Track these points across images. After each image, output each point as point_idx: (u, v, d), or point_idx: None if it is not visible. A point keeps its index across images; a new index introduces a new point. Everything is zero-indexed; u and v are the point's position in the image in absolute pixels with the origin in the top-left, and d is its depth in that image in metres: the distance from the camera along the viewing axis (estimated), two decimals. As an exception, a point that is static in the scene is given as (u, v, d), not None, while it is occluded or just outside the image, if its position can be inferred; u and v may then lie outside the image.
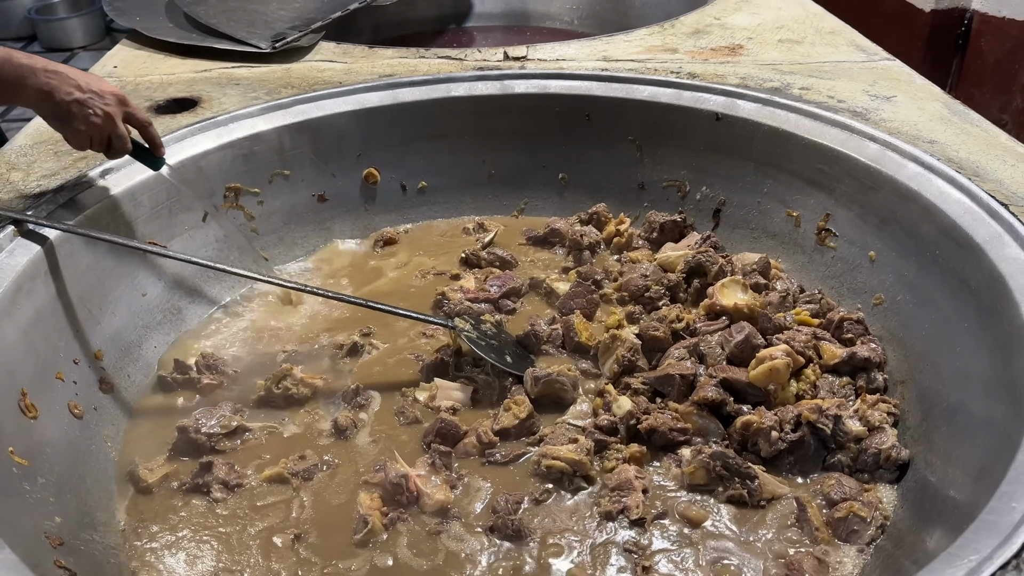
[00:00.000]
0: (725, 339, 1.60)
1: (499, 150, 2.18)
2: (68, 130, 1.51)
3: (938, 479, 1.31)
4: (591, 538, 1.33)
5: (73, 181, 1.66)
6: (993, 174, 1.59)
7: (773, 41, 2.33)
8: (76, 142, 1.54)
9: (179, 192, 1.79)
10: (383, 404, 1.60)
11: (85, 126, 1.49)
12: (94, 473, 1.44)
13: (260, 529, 1.36)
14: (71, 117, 1.48)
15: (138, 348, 1.70)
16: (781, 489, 1.40)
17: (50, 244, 1.50)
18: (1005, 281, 1.34)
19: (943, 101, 1.93)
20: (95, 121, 1.49)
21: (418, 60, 2.26)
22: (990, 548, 0.92)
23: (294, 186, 2.03)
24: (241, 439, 1.53)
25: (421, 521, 1.36)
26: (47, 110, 1.49)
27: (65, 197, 1.61)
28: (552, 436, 1.50)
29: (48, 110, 1.48)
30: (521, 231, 2.14)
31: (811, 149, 1.82)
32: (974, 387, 1.35)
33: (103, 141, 1.55)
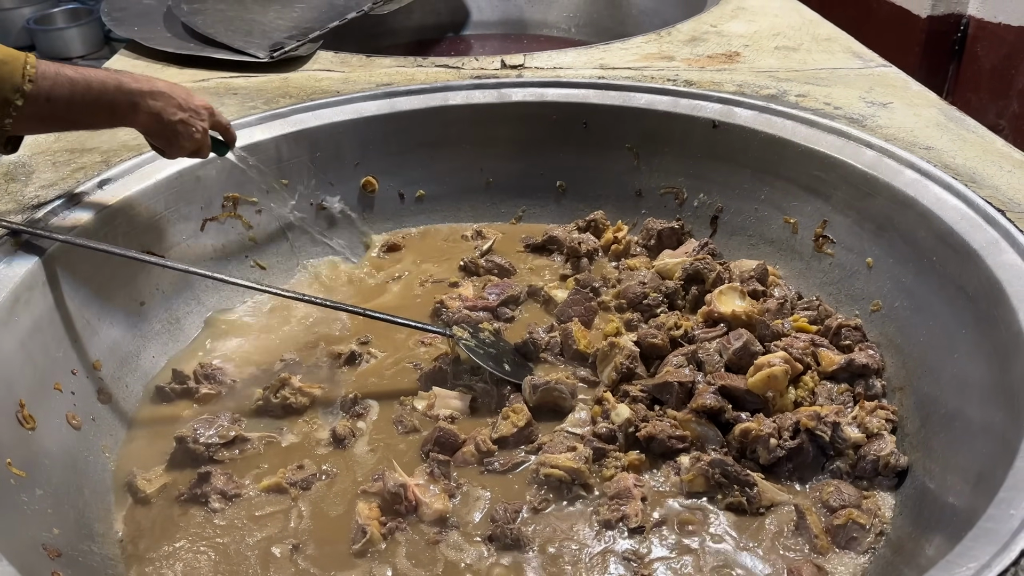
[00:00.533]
0: (723, 346, 1.60)
1: (497, 158, 2.19)
2: (173, 147, 1.60)
3: (937, 486, 1.31)
4: (590, 546, 1.33)
5: (71, 191, 1.66)
6: (989, 180, 1.59)
7: (770, 48, 2.33)
8: (173, 155, 1.63)
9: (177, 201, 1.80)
10: (381, 413, 1.60)
11: (189, 143, 1.59)
12: (92, 484, 1.43)
13: (258, 539, 1.36)
14: (177, 136, 1.57)
15: (136, 358, 1.70)
16: (780, 496, 1.39)
17: (48, 255, 1.50)
18: (1002, 287, 1.34)
19: (939, 107, 1.93)
20: (196, 137, 1.59)
21: (415, 69, 2.26)
22: (988, 555, 0.92)
23: (292, 195, 2.03)
24: (239, 449, 1.52)
25: (420, 530, 1.35)
26: (155, 131, 1.56)
27: (63, 207, 1.61)
28: (550, 444, 1.50)
29: (156, 131, 1.56)
30: (519, 239, 2.14)
31: (808, 156, 1.82)
32: (972, 393, 1.35)
33: (197, 151, 1.64)
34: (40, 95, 1.36)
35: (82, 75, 1.43)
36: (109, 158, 1.80)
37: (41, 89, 1.36)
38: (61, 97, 1.39)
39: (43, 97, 1.37)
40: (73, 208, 1.62)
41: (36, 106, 1.37)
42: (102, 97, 1.45)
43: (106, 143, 1.86)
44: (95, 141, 1.87)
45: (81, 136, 1.90)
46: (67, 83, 1.40)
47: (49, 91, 1.38)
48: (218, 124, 1.68)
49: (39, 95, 1.36)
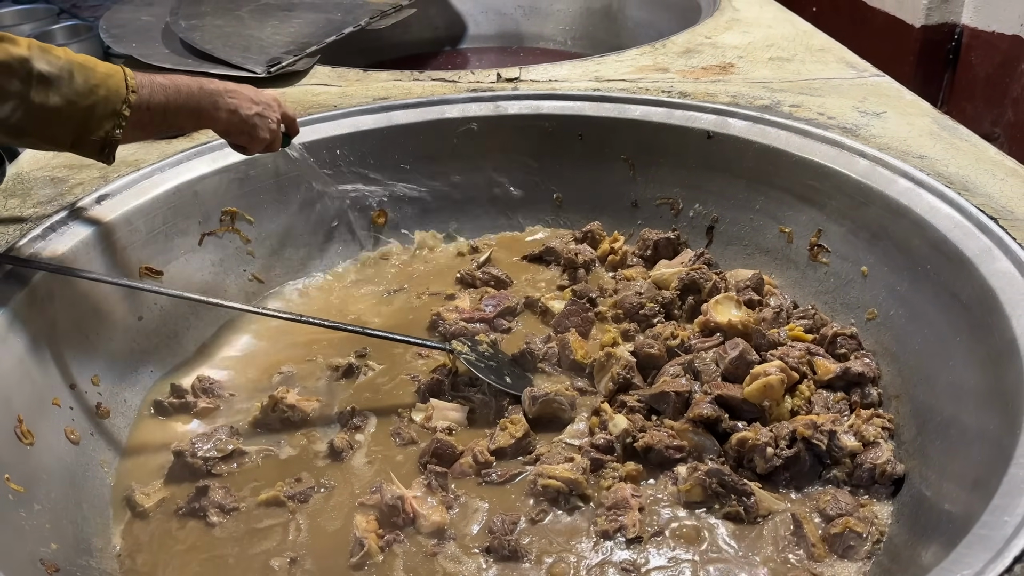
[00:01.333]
0: (720, 356, 1.60)
1: (493, 170, 2.20)
2: (253, 141, 1.65)
3: (933, 493, 1.31)
4: (588, 557, 1.33)
5: (70, 207, 1.67)
6: (982, 188, 1.60)
7: (763, 59, 2.35)
8: (254, 149, 1.69)
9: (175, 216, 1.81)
10: (379, 425, 1.60)
11: (267, 134, 1.65)
12: (90, 499, 1.44)
13: (257, 553, 1.36)
14: (255, 129, 1.63)
15: (134, 373, 1.70)
16: (777, 505, 1.40)
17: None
18: (995, 295, 1.35)
19: (932, 116, 1.94)
20: (272, 127, 1.66)
21: (412, 83, 2.28)
22: (982, 563, 0.92)
23: (289, 209, 2.04)
24: (237, 462, 1.53)
25: (417, 542, 1.36)
26: (236, 127, 1.61)
27: (61, 223, 1.62)
28: (548, 455, 1.50)
29: (236, 127, 1.61)
30: (516, 250, 2.15)
31: (802, 166, 1.83)
32: (967, 400, 1.35)
33: (272, 143, 1.70)
34: (142, 104, 1.43)
35: (171, 80, 1.50)
36: (107, 174, 1.80)
37: (142, 98, 1.43)
38: (159, 104, 1.46)
39: (144, 105, 1.44)
40: (72, 223, 1.63)
41: (139, 114, 1.43)
42: (190, 100, 1.51)
43: (104, 159, 1.87)
44: (93, 157, 1.88)
45: (79, 152, 1.91)
46: (161, 90, 1.47)
47: (148, 99, 1.44)
48: (286, 116, 1.73)
49: (141, 104, 1.43)
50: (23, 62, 1.31)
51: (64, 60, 1.36)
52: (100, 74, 1.39)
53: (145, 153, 1.90)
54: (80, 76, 1.37)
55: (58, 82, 1.34)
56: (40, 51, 1.35)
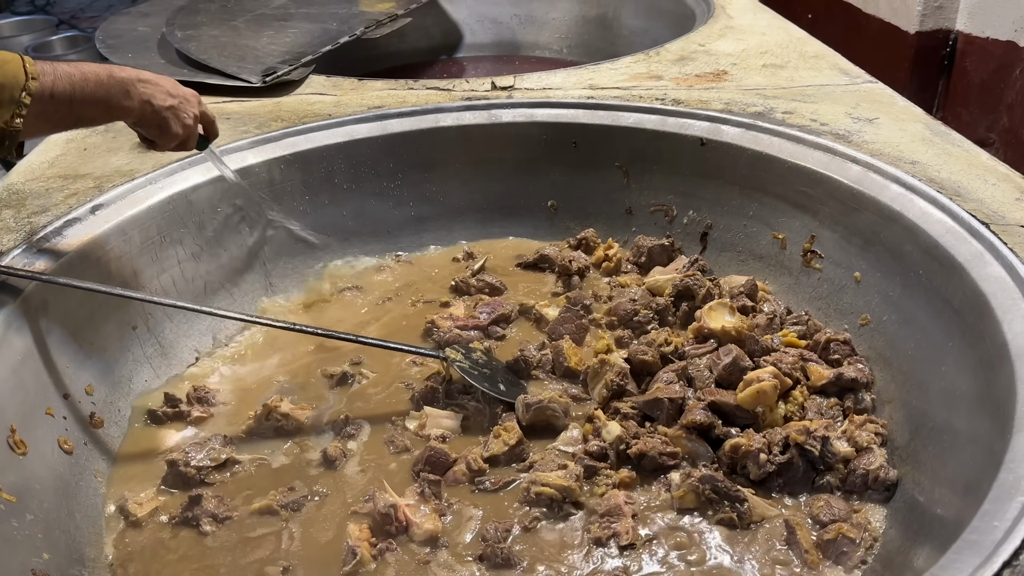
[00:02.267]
0: (713, 362, 1.60)
1: (488, 178, 2.20)
2: (164, 135, 1.59)
3: (926, 498, 1.31)
4: (581, 565, 1.33)
5: (64, 218, 1.67)
6: (974, 193, 1.60)
7: (757, 66, 2.36)
8: (165, 144, 1.62)
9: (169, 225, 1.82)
10: (373, 433, 1.60)
11: (180, 129, 1.59)
12: (83, 509, 1.43)
13: (250, 562, 1.36)
14: (168, 122, 1.56)
15: (128, 382, 1.70)
16: (771, 511, 1.39)
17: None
18: (987, 300, 1.35)
19: (925, 122, 1.95)
20: (188, 123, 1.59)
21: (407, 91, 2.29)
22: (971, 568, 0.92)
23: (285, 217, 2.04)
24: (231, 471, 1.53)
25: (410, 551, 1.35)
26: (148, 118, 1.55)
27: (55, 233, 1.62)
28: (542, 462, 1.50)
29: (149, 118, 1.54)
30: (511, 257, 2.15)
31: (795, 172, 1.84)
32: (960, 405, 1.35)
33: (186, 140, 1.63)
34: (44, 92, 1.37)
35: (76, 67, 1.43)
36: (102, 184, 1.81)
37: (44, 86, 1.36)
38: (63, 92, 1.39)
39: (47, 94, 1.37)
40: (66, 233, 1.64)
41: (41, 103, 1.36)
42: (99, 88, 1.45)
43: (99, 169, 1.88)
44: (88, 167, 1.89)
45: (74, 162, 1.92)
46: (66, 77, 1.40)
47: (52, 87, 1.38)
48: (204, 115, 1.68)
49: (43, 92, 1.36)
50: None
51: None
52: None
53: (140, 163, 1.91)
54: None
55: None
56: None
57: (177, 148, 1.65)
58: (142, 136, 1.62)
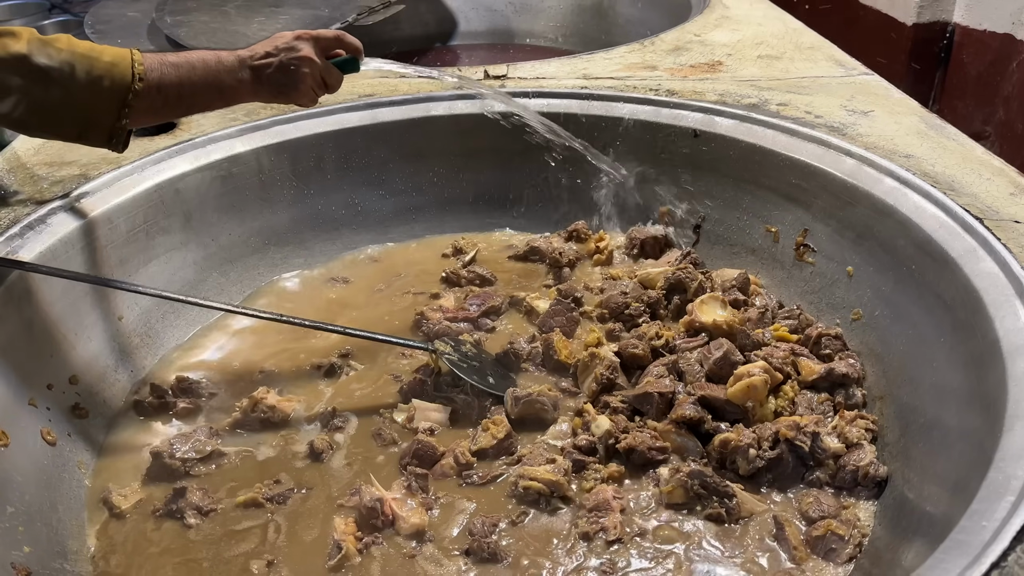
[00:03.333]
0: (704, 356, 1.59)
1: (479, 168, 2.19)
2: (296, 93, 1.55)
3: (915, 495, 1.30)
4: (568, 559, 1.32)
5: (49, 205, 1.65)
6: (968, 188, 1.59)
7: (752, 57, 2.34)
8: (308, 100, 1.58)
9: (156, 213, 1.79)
10: (360, 426, 1.59)
11: (301, 83, 1.53)
12: (66, 501, 1.42)
13: (234, 555, 1.34)
14: (291, 79, 1.51)
15: (114, 372, 1.68)
16: (759, 507, 1.38)
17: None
18: (979, 295, 1.34)
19: (920, 115, 1.93)
20: (304, 71, 1.52)
21: (398, 80, 2.26)
22: (959, 568, 0.91)
23: (273, 207, 2.03)
24: (216, 463, 1.51)
25: (396, 544, 1.34)
26: (266, 88, 1.52)
27: (40, 221, 1.60)
28: (530, 456, 1.49)
29: (267, 87, 1.51)
30: (502, 249, 2.14)
31: (788, 165, 1.82)
32: (950, 402, 1.34)
33: (322, 84, 1.58)
34: (151, 88, 1.38)
35: (184, 58, 1.44)
36: (88, 171, 1.79)
37: (150, 82, 1.38)
38: (171, 85, 1.41)
39: (154, 89, 1.39)
40: (51, 221, 1.62)
41: (149, 99, 1.39)
42: (207, 75, 1.45)
43: (85, 156, 1.86)
44: (74, 155, 1.87)
45: (60, 149, 1.89)
46: (172, 70, 1.41)
47: (159, 82, 1.40)
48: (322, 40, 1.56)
49: (150, 89, 1.38)
50: (22, 59, 1.29)
51: (66, 52, 1.34)
52: (104, 64, 1.36)
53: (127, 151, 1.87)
54: (82, 68, 1.34)
55: (58, 76, 1.32)
56: (40, 44, 1.33)
57: (331, 91, 1.60)
58: (293, 103, 1.59)
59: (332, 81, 1.59)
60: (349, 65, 1.62)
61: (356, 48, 1.62)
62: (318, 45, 1.55)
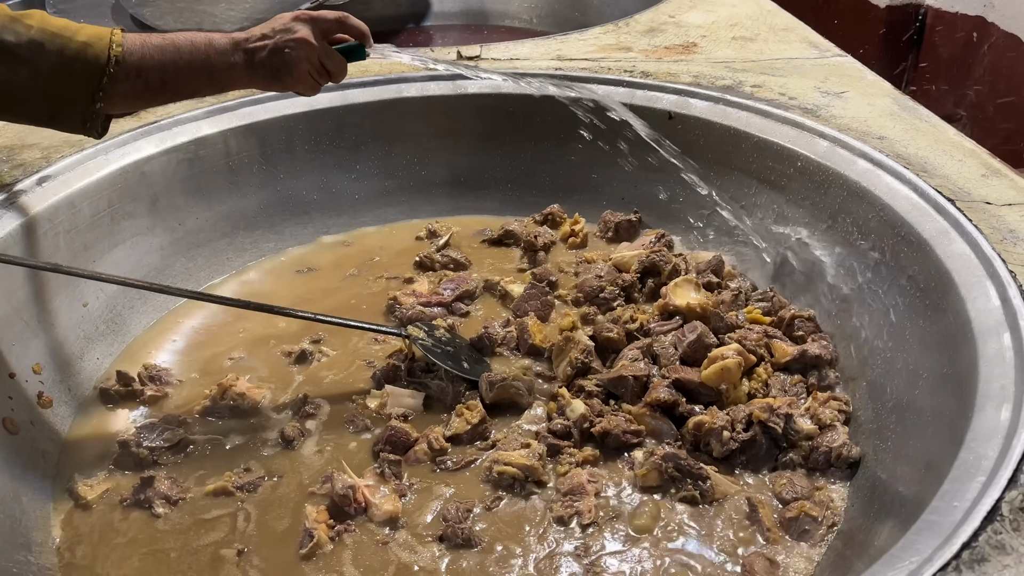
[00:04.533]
0: (678, 339, 1.59)
1: (453, 151, 2.16)
2: (291, 79, 1.46)
3: (888, 476, 1.31)
4: (543, 544, 1.31)
5: (9, 190, 1.60)
6: (940, 170, 1.59)
7: (727, 39, 2.32)
8: (307, 87, 1.49)
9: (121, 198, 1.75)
10: (332, 413, 1.56)
11: (296, 67, 1.44)
12: (30, 491, 1.39)
13: (204, 544, 1.32)
14: (285, 65, 1.43)
15: (79, 360, 1.65)
16: (733, 489, 1.38)
17: (-19, 255, 1.45)
18: (951, 277, 1.34)
19: (893, 97, 1.93)
20: (300, 54, 1.43)
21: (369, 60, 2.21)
22: (931, 549, 0.91)
23: (242, 190, 1.99)
24: (184, 452, 1.48)
25: (369, 532, 1.33)
26: (261, 75, 1.43)
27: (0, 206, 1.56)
28: (505, 441, 1.48)
29: (262, 74, 1.43)
30: (476, 232, 2.12)
31: (762, 147, 1.82)
32: (923, 383, 1.34)
33: (322, 70, 1.48)
34: (130, 72, 1.30)
35: (170, 40, 1.36)
36: (49, 155, 1.74)
37: (129, 65, 1.30)
38: (152, 69, 1.33)
39: (133, 73, 1.31)
40: (13, 204, 1.57)
41: (127, 83, 1.31)
42: (195, 58, 1.36)
43: (46, 139, 1.81)
44: (35, 137, 1.82)
45: (20, 132, 1.84)
46: (155, 52, 1.33)
47: (139, 65, 1.31)
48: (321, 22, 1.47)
49: (128, 72, 1.30)
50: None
51: (36, 30, 1.27)
52: (77, 44, 1.28)
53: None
54: (52, 48, 1.27)
55: (26, 55, 1.25)
56: (8, 21, 1.25)
57: (335, 80, 1.52)
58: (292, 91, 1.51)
59: (333, 67, 1.49)
60: (355, 52, 1.54)
61: (361, 32, 1.53)
62: (317, 27, 1.47)
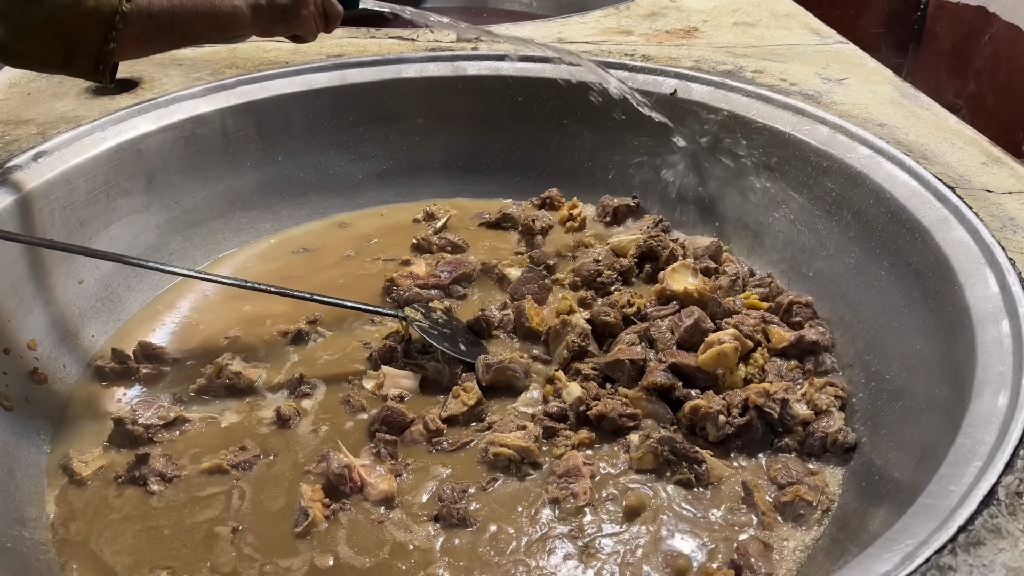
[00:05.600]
0: (675, 324, 1.59)
1: (451, 133, 2.15)
2: (302, 27, 1.51)
3: (883, 462, 1.31)
4: (537, 525, 1.31)
5: (4, 164, 1.59)
6: (941, 157, 1.59)
7: (728, 24, 2.32)
8: (311, 34, 1.55)
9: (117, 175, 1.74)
10: (328, 393, 1.56)
11: (306, 8, 1.48)
12: (24, 467, 1.38)
13: (198, 522, 1.32)
14: (291, 12, 1.47)
15: (75, 337, 1.64)
16: (728, 473, 1.39)
17: (-24, 229, 1.44)
18: (950, 264, 1.34)
19: (894, 84, 1.93)
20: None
21: (368, 40, 2.21)
22: (927, 532, 0.91)
23: (239, 170, 1.98)
24: (180, 430, 1.48)
25: (364, 511, 1.33)
26: (266, 19, 1.45)
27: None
28: (501, 423, 1.47)
29: (267, 20, 1.46)
30: (473, 215, 2.11)
31: (762, 132, 1.81)
32: (919, 369, 1.35)
33: (323, 16, 1.53)
34: (141, 12, 1.30)
35: None
36: (45, 130, 1.73)
37: (140, 5, 1.29)
38: (162, 11, 1.33)
39: (144, 14, 1.30)
40: (5, 182, 1.56)
41: (139, 24, 1.30)
42: (200, 2, 1.37)
43: (43, 115, 1.80)
44: (31, 112, 1.81)
45: (16, 107, 1.83)
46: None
47: (148, 6, 1.31)
48: None
49: (140, 13, 1.29)
50: None
51: None
52: None
53: (86, 109, 1.82)
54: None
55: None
56: None
57: (329, 28, 1.55)
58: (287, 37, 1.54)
59: (332, 14, 1.55)
60: (351, 1, 1.59)
61: None
62: None
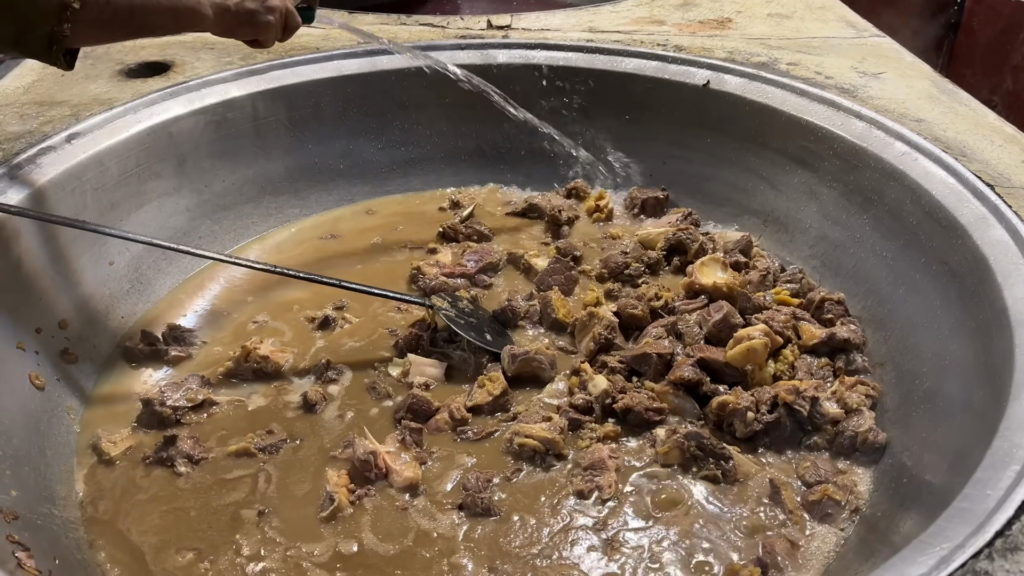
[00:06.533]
0: (703, 318, 1.57)
1: (480, 121, 2.13)
2: (261, 31, 1.49)
3: (914, 463, 1.29)
4: (561, 516, 1.31)
5: (38, 145, 1.60)
6: (980, 154, 1.56)
7: (762, 15, 2.28)
8: (269, 40, 1.53)
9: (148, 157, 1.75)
10: (354, 379, 1.56)
11: (271, 15, 1.48)
12: (55, 446, 1.40)
13: (224, 504, 1.33)
14: (254, 17, 1.46)
15: (104, 318, 1.65)
16: (755, 470, 1.37)
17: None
18: (988, 264, 1.32)
19: (932, 79, 1.89)
20: (275, 3, 1.48)
21: (399, 27, 2.20)
22: (963, 536, 0.90)
23: (268, 154, 1.98)
24: (207, 412, 1.49)
25: (389, 497, 1.33)
26: (228, 22, 1.44)
27: (28, 161, 1.56)
28: (526, 414, 1.47)
29: (229, 21, 1.44)
30: (500, 204, 2.10)
31: (796, 126, 1.79)
32: (954, 371, 1.32)
33: (284, 24, 1.52)
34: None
35: None
36: (79, 112, 1.74)
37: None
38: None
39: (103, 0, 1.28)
40: (40, 162, 1.57)
41: (96, 9, 1.27)
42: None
43: (76, 96, 1.81)
44: (65, 94, 1.82)
45: (50, 88, 1.84)
46: None
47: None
48: None
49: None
50: None
51: None
52: None
53: (119, 92, 1.83)
54: None
55: None
56: None
57: (285, 37, 1.55)
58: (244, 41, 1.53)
59: (292, 24, 1.54)
60: (308, 14, 1.60)
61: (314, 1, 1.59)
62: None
